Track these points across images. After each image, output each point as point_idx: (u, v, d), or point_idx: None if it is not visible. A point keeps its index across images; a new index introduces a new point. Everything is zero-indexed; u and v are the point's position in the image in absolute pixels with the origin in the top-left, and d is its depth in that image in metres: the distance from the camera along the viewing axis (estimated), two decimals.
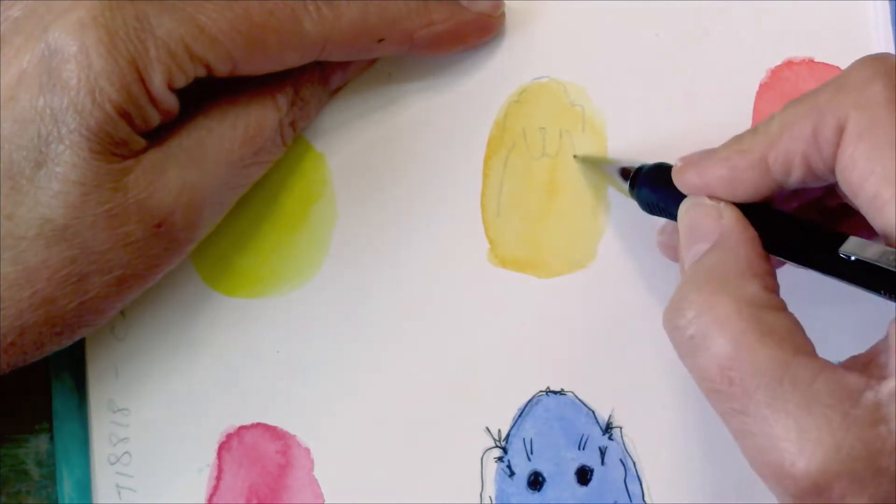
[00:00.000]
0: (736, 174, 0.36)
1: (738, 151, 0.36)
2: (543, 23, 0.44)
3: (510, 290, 0.43)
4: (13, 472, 0.42)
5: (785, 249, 0.35)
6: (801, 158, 0.35)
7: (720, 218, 0.36)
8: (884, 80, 0.33)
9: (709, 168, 0.36)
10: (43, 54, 0.34)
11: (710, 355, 0.33)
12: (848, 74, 0.34)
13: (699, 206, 0.36)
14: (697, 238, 0.36)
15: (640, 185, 0.40)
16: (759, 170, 0.35)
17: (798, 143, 0.34)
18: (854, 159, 0.33)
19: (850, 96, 0.33)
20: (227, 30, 0.36)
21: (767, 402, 0.32)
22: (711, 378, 0.33)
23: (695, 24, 0.44)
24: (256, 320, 0.43)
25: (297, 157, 0.43)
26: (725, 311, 0.33)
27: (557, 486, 0.42)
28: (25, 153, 0.34)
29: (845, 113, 0.33)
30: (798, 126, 0.34)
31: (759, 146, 0.35)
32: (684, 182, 0.37)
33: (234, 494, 0.42)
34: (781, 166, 0.35)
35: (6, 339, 0.36)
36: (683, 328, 0.34)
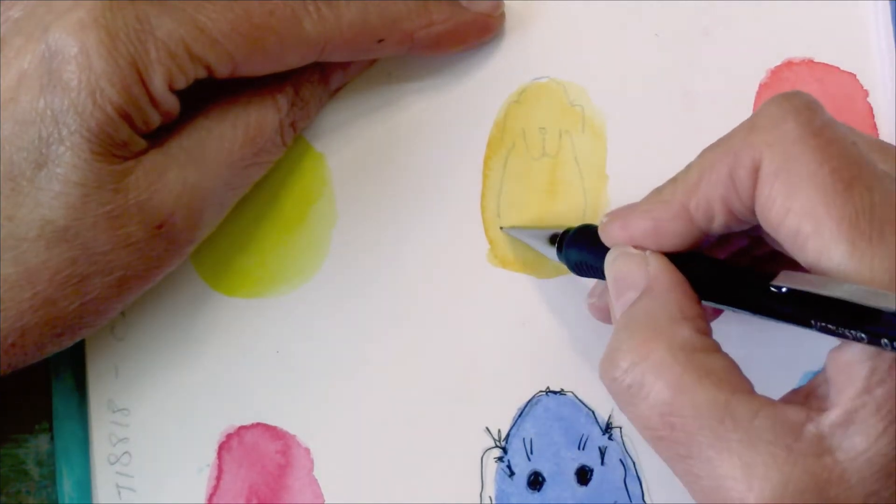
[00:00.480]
0: (660, 225, 0.36)
1: (659, 203, 0.36)
2: (543, 23, 0.44)
3: (510, 290, 0.43)
4: (13, 472, 0.42)
5: (716, 293, 0.35)
6: (720, 203, 0.34)
7: (646, 265, 0.35)
8: (794, 116, 0.33)
9: (632, 221, 0.36)
10: (43, 55, 0.34)
11: (650, 403, 0.33)
12: (759, 114, 0.34)
13: (624, 256, 0.36)
14: (625, 287, 0.36)
15: (567, 246, 0.39)
16: (681, 219, 0.35)
17: (716, 188, 0.34)
18: (772, 198, 0.33)
19: (763, 136, 0.33)
20: (228, 31, 0.36)
21: (710, 442, 0.31)
22: (653, 426, 0.33)
23: (695, 24, 0.44)
24: (256, 320, 0.43)
25: (297, 158, 0.43)
26: (660, 358, 0.33)
27: (557, 486, 0.42)
28: (26, 154, 0.34)
29: (759, 152, 0.33)
30: (715, 171, 0.34)
31: (679, 195, 0.35)
32: (610, 237, 0.37)
33: (234, 494, 0.42)
34: (703, 213, 0.35)
35: (7, 340, 0.36)
36: (620, 379, 0.33)
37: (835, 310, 0.30)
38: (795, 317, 0.32)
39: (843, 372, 0.32)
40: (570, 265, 0.40)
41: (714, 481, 0.32)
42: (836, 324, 0.30)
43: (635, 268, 0.36)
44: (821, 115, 0.33)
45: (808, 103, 0.34)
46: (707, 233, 0.35)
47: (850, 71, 0.44)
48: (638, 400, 0.33)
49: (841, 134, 0.33)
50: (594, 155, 0.43)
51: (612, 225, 0.37)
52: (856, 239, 0.31)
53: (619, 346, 0.34)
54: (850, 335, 0.30)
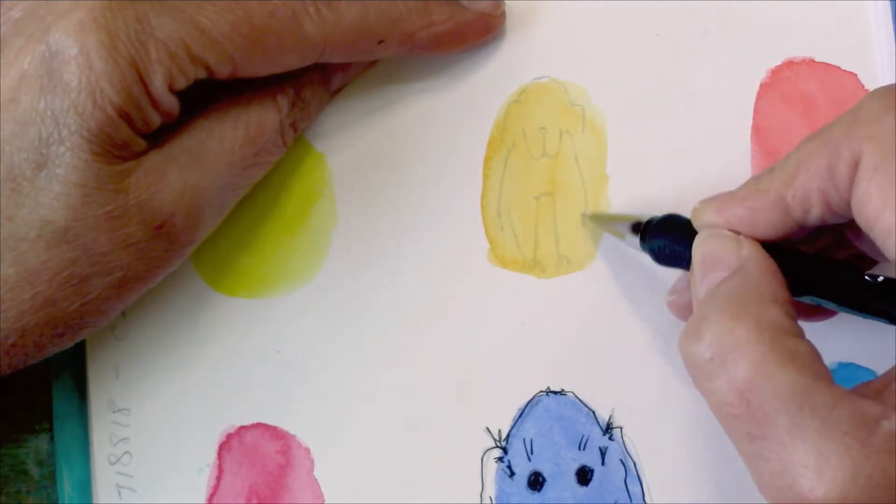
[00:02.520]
0: (755, 214, 0.35)
1: (756, 191, 0.36)
2: (543, 23, 0.44)
3: (510, 290, 0.43)
4: (13, 472, 0.42)
5: (809, 285, 0.35)
6: (818, 195, 0.34)
7: (740, 248, 0.35)
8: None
9: (728, 208, 0.36)
10: (44, 56, 0.34)
11: (729, 378, 0.32)
12: (861, 107, 0.34)
13: (717, 237, 0.36)
14: (714, 266, 0.35)
15: (652, 235, 0.39)
16: (778, 209, 0.35)
17: (814, 180, 0.34)
18: (869, 192, 0.33)
19: (864, 129, 0.33)
20: (228, 32, 0.36)
21: (787, 427, 0.31)
22: (729, 401, 0.32)
23: (695, 24, 0.44)
24: (256, 320, 0.42)
25: (297, 158, 0.43)
26: (746, 334, 0.33)
27: (558, 487, 0.42)
28: (26, 155, 0.34)
29: (859, 146, 0.33)
30: (813, 162, 0.34)
31: (776, 185, 0.35)
32: (704, 222, 0.37)
33: (235, 494, 0.42)
34: (800, 204, 0.35)
35: (7, 341, 0.36)
36: (701, 352, 0.33)
37: None
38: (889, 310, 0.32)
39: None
40: (653, 253, 0.39)
41: (784, 466, 0.31)
42: None
43: (728, 248, 0.35)
44: None
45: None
46: (802, 224, 0.35)
47: (851, 71, 0.44)
48: (717, 374, 0.33)
49: None
50: (594, 155, 0.43)
51: (707, 210, 0.37)
52: None
53: (704, 319, 0.34)
54: None
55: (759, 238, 0.36)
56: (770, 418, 0.32)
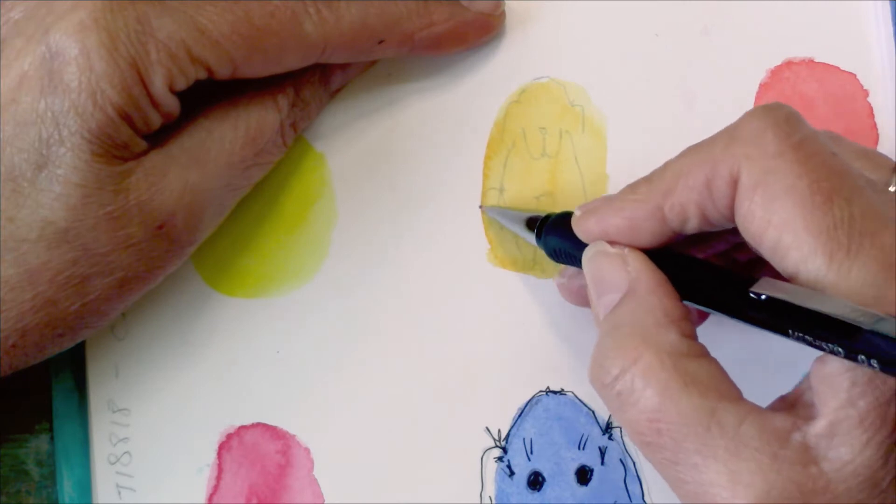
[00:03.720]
0: (634, 223, 0.36)
1: (634, 201, 0.36)
2: (543, 23, 0.44)
3: (510, 290, 0.43)
4: (13, 472, 0.42)
5: (695, 294, 0.35)
6: (695, 208, 0.35)
7: (626, 265, 0.36)
8: (774, 130, 0.33)
9: (607, 217, 0.36)
10: (44, 56, 0.34)
11: (639, 409, 0.33)
12: (740, 125, 0.34)
13: (603, 255, 0.36)
14: (606, 288, 0.36)
15: (546, 233, 0.39)
16: (655, 219, 0.35)
17: (692, 194, 0.34)
18: (752, 211, 0.33)
19: (742, 148, 0.33)
20: (228, 32, 0.36)
21: (696, 449, 0.32)
22: (642, 431, 0.33)
23: (695, 24, 0.44)
24: (256, 320, 0.43)
25: (297, 158, 0.43)
26: (648, 363, 0.33)
27: (557, 486, 0.42)
28: (26, 156, 0.34)
29: (738, 164, 0.33)
30: (691, 177, 0.34)
31: (654, 196, 0.35)
32: (585, 231, 0.37)
33: (234, 494, 0.42)
34: (677, 216, 0.35)
35: (8, 342, 0.36)
36: (610, 385, 0.34)
37: (813, 322, 0.31)
38: (773, 325, 0.32)
39: (825, 382, 0.32)
40: (548, 251, 0.40)
41: (700, 487, 0.32)
42: (814, 336, 0.31)
43: (615, 268, 0.36)
44: (801, 128, 0.33)
45: (789, 116, 0.34)
46: (680, 233, 0.36)
47: (850, 71, 0.44)
48: (627, 406, 0.33)
49: (820, 146, 0.33)
50: (594, 155, 0.43)
51: (587, 219, 0.37)
52: (834, 251, 0.31)
53: (607, 354, 0.34)
54: (828, 348, 0.30)
55: (641, 247, 0.36)
56: (680, 443, 0.32)
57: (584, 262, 0.37)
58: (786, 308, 0.31)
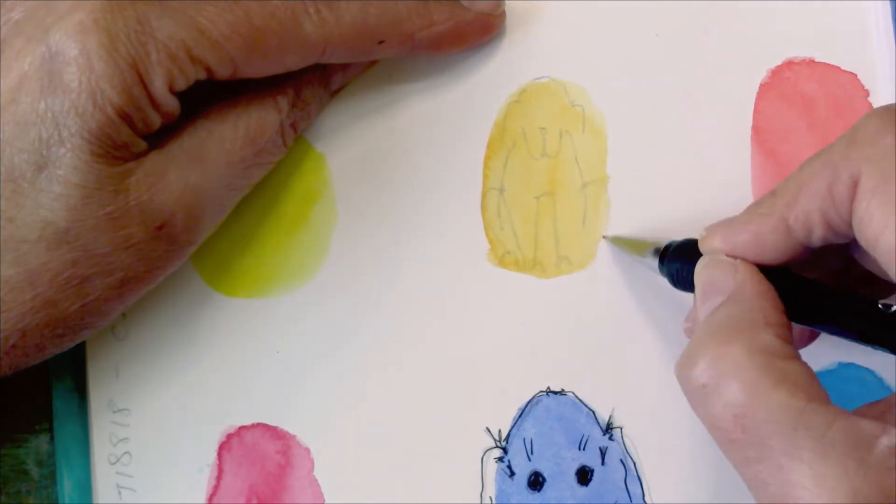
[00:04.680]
0: (760, 238, 0.36)
1: (759, 215, 0.36)
2: (543, 23, 0.44)
3: (510, 290, 0.43)
4: (13, 472, 0.42)
5: (815, 312, 0.35)
6: (819, 216, 0.34)
7: (735, 272, 0.36)
8: (895, 131, 0.33)
9: (733, 234, 0.36)
10: (44, 57, 0.34)
11: (723, 403, 0.33)
12: (859, 128, 0.34)
13: (714, 263, 0.36)
14: (712, 293, 0.36)
15: (670, 259, 0.39)
16: (781, 232, 0.35)
17: (815, 201, 0.34)
18: (869, 213, 0.33)
19: (862, 150, 0.33)
20: (228, 33, 0.36)
21: (783, 449, 0.31)
22: (725, 427, 0.33)
23: (695, 24, 0.44)
24: (256, 320, 0.42)
25: (298, 158, 0.43)
26: (738, 360, 0.33)
27: (558, 487, 0.42)
28: (26, 156, 0.34)
29: (858, 167, 0.33)
30: (814, 184, 0.34)
31: (778, 208, 0.35)
32: (710, 249, 0.37)
33: (235, 494, 0.42)
34: (802, 226, 0.35)
35: (8, 342, 0.35)
36: (696, 377, 0.33)
37: None
38: None
39: None
40: (671, 277, 0.39)
41: (783, 488, 0.31)
42: None
43: (723, 274, 0.36)
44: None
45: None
46: (806, 245, 0.36)
47: (851, 71, 0.44)
48: (712, 400, 0.33)
49: None
50: (594, 155, 0.43)
51: (713, 238, 0.37)
52: None
53: (698, 347, 0.34)
54: None
55: (767, 262, 0.36)
56: (765, 442, 0.32)
57: (697, 272, 0.37)
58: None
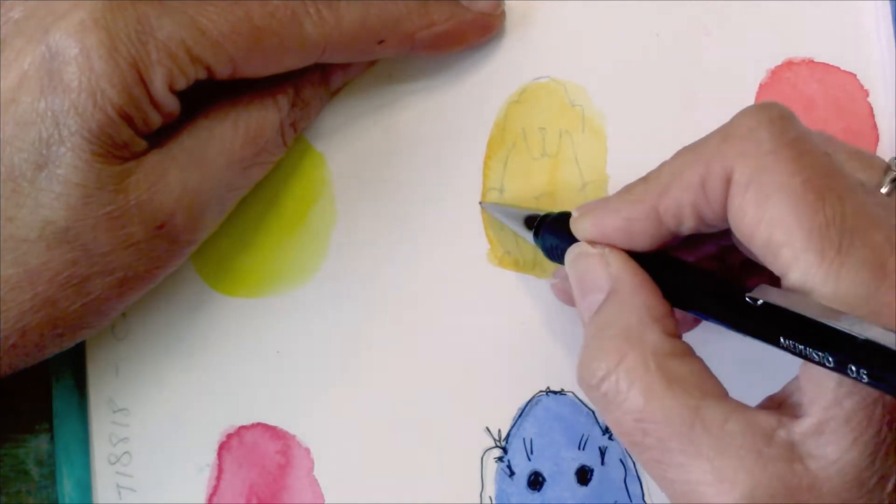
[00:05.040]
0: (630, 224, 0.36)
1: (629, 202, 0.36)
2: (543, 23, 0.44)
3: (510, 290, 0.43)
4: (13, 472, 0.42)
5: (684, 298, 0.35)
6: (690, 208, 0.35)
7: (608, 266, 0.36)
8: (768, 128, 0.33)
9: (603, 217, 0.37)
10: (44, 56, 0.34)
11: (624, 410, 0.33)
12: (733, 123, 0.34)
13: (584, 256, 0.37)
14: (589, 288, 0.36)
15: (544, 232, 0.40)
16: (651, 220, 0.35)
17: (687, 193, 0.34)
18: (743, 208, 0.33)
19: (736, 146, 0.33)
20: (228, 32, 0.36)
21: (681, 448, 0.32)
22: (628, 432, 0.33)
23: (695, 24, 0.44)
24: (256, 320, 0.43)
25: (297, 158, 0.43)
26: (632, 364, 0.33)
27: (557, 486, 0.42)
28: (26, 155, 0.34)
29: (731, 162, 0.33)
30: (686, 176, 0.34)
31: (649, 197, 0.35)
32: (581, 231, 0.37)
33: (235, 494, 0.42)
34: (673, 216, 0.35)
35: (8, 341, 0.36)
36: (596, 387, 0.34)
37: (806, 330, 0.30)
38: (765, 332, 0.32)
39: (813, 382, 0.32)
40: (545, 250, 0.40)
41: (687, 486, 0.32)
42: (806, 344, 0.30)
43: (597, 268, 0.36)
44: (794, 126, 0.34)
45: (783, 114, 0.34)
46: (676, 234, 0.36)
47: (850, 71, 0.44)
48: (613, 407, 0.34)
49: (814, 145, 0.33)
50: (594, 155, 0.43)
51: (584, 221, 0.37)
52: (825, 249, 0.31)
53: (593, 355, 0.34)
54: (818, 358, 0.30)
55: (638, 248, 0.36)
56: (665, 443, 0.32)
57: (567, 263, 0.37)
58: (779, 315, 0.31)
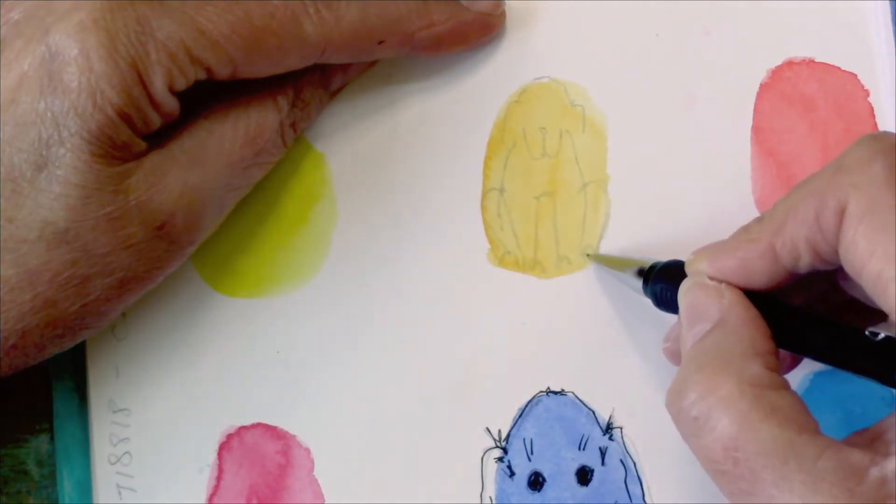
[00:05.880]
0: (747, 263, 0.36)
1: (746, 241, 0.36)
2: (543, 23, 0.44)
3: (510, 290, 0.43)
4: (13, 472, 0.42)
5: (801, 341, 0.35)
6: (806, 243, 0.34)
7: (721, 298, 0.36)
8: (883, 159, 0.33)
9: (720, 258, 0.36)
10: (44, 57, 0.34)
11: (715, 436, 0.33)
12: (847, 154, 0.34)
13: (700, 287, 0.36)
14: (699, 319, 0.36)
15: (654, 280, 0.39)
16: (768, 258, 0.35)
17: (802, 229, 0.34)
18: (855, 241, 0.33)
19: (849, 177, 0.33)
20: (228, 33, 0.36)
21: (773, 481, 0.32)
22: (716, 459, 0.33)
23: (695, 24, 0.44)
24: (256, 320, 0.43)
25: (298, 158, 0.43)
26: (728, 392, 0.33)
27: (558, 487, 0.42)
28: (26, 156, 0.34)
29: (845, 194, 0.33)
30: (801, 211, 0.34)
31: (766, 235, 0.35)
32: (697, 273, 0.37)
33: (235, 494, 0.42)
34: (789, 253, 0.35)
35: (8, 342, 0.36)
36: (687, 410, 0.33)
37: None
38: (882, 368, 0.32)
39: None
40: (654, 297, 0.39)
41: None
42: None
43: (710, 299, 0.36)
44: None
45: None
46: (793, 272, 0.35)
47: (851, 71, 0.44)
48: (703, 433, 0.33)
49: None
50: (594, 155, 0.43)
51: (701, 262, 0.37)
52: None
53: (688, 378, 0.34)
54: None
55: (754, 287, 0.36)
56: (757, 474, 0.32)
57: (681, 294, 0.37)
58: None
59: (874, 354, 0.32)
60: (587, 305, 0.43)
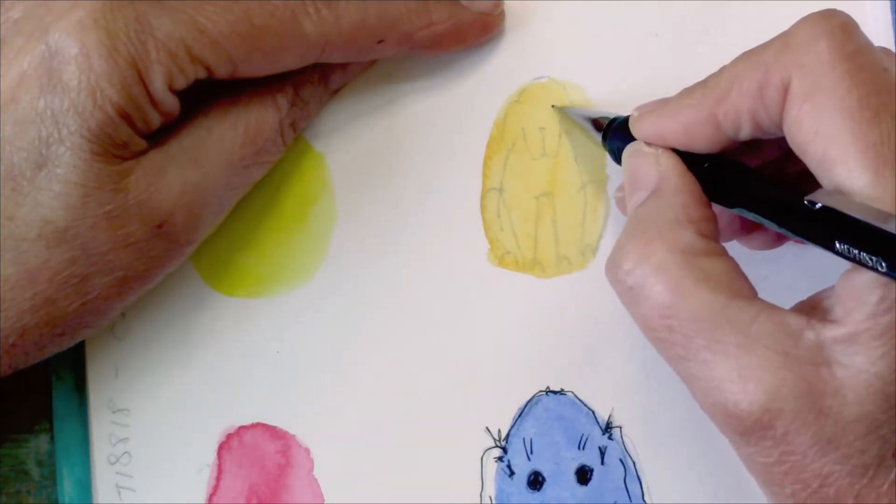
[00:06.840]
0: (689, 129, 0.36)
1: (688, 106, 0.36)
2: (543, 23, 0.44)
3: (510, 290, 0.43)
4: (13, 472, 0.42)
5: (744, 200, 0.35)
6: (748, 115, 0.35)
7: (657, 164, 0.36)
8: (828, 39, 0.33)
9: (661, 120, 0.37)
10: (43, 56, 0.34)
11: (650, 304, 0.33)
12: (793, 32, 0.34)
13: (638, 154, 0.37)
14: (638, 185, 0.36)
15: (611, 138, 0.40)
16: (710, 125, 0.36)
17: (745, 100, 0.35)
18: (799, 119, 0.33)
19: (795, 56, 0.33)
20: (228, 32, 0.36)
21: (707, 345, 0.32)
22: (653, 327, 0.34)
23: (695, 23, 0.44)
24: (256, 320, 0.43)
25: (297, 158, 0.43)
26: (660, 260, 0.33)
27: (557, 486, 0.42)
28: (26, 155, 0.34)
29: (789, 72, 0.33)
30: (745, 83, 0.35)
31: (708, 102, 0.36)
32: (639, 131, 0.37)
33: (234, 494, 0.42)
34: (731, 122, 0.35)
35: (8, 341, 0.36)
36: (623, 279, 0.34)
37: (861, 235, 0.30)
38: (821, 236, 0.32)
39: (852, 294, 0.32)
40: (611, 153, 0.40)
41: (711, 382, 0.32)
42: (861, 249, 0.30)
43: (647, 166, 0.36)
44: (855, 38, 0.33)
45: (844, 24, 0.34)
46: (735, 139, 0.36)
47: None
48: (640, 301, 0.34)
49: (873, 59, 0.33)
50: (594, 155, 0.43)
51: (644, 121, 0.37)
52: (879, 167, 0.31)
53: (622, 247, 0.35)
54: (871, 262, 0.30)
55: (697, 151, 0.36)
56: (691, 339, 0.33)
57: (623, 160, 0.38)
58: (835, 220, 0.31)
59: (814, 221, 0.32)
60: (586, 305, 0.43)
